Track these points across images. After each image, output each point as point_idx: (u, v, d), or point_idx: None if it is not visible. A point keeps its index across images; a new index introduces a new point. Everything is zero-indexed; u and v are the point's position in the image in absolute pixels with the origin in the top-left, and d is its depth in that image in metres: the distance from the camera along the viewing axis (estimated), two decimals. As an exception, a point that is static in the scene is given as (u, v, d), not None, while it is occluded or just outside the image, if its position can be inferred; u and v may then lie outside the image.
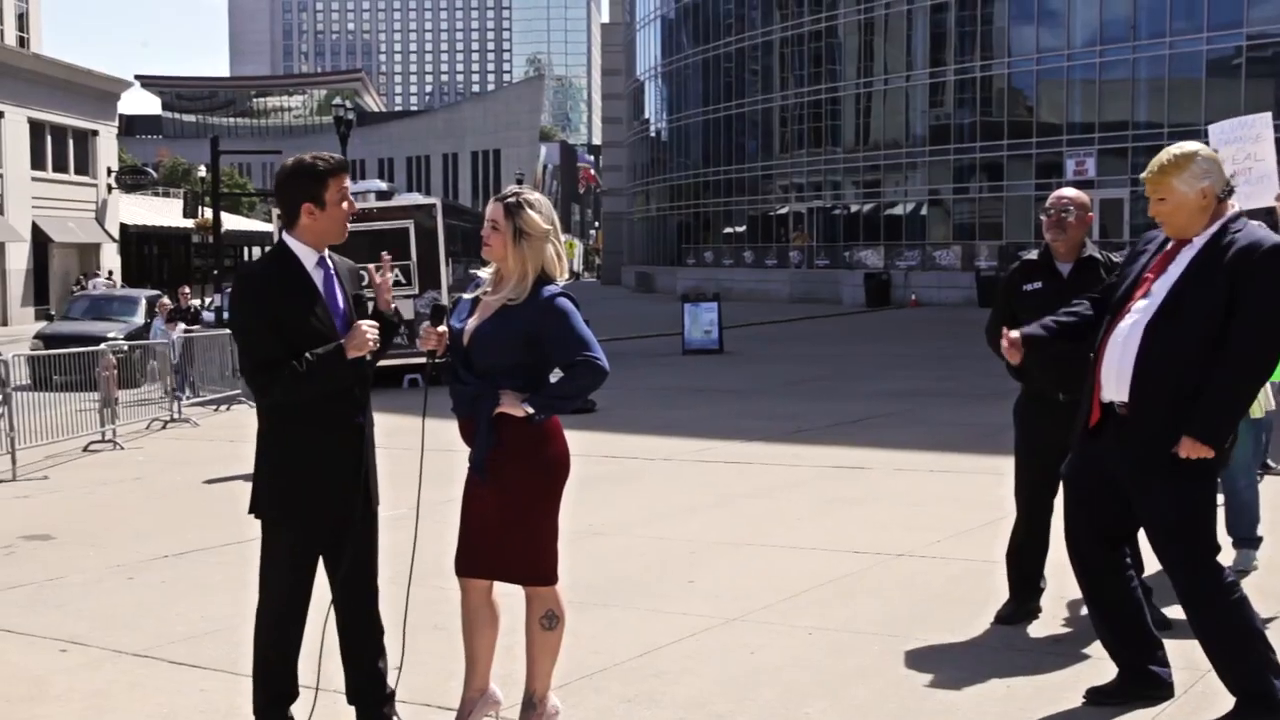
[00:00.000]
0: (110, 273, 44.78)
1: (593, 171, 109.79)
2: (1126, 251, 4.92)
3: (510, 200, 4.31)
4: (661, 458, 11.37)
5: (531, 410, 4.17)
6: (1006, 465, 5.94)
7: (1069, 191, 5.64)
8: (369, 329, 4.15)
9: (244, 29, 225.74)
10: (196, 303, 26.92)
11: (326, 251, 4.29)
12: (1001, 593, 5.87)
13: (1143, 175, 4.53)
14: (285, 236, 4.22)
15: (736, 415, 14.39)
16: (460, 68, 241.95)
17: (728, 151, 57.99)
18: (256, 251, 57.71)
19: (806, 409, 14.74)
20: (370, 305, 4.38)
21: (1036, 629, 5.70)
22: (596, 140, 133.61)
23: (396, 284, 18.64)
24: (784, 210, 54.47)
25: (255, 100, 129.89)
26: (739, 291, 47.45)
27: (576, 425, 13.24)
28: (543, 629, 4.36)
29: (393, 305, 4.41)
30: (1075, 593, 5.18)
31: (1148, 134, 38.12)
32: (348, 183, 4.24)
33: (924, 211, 48.35)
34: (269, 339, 4.04)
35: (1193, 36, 40.27)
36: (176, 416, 15.07)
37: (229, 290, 5.20)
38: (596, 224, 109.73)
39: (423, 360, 4.53)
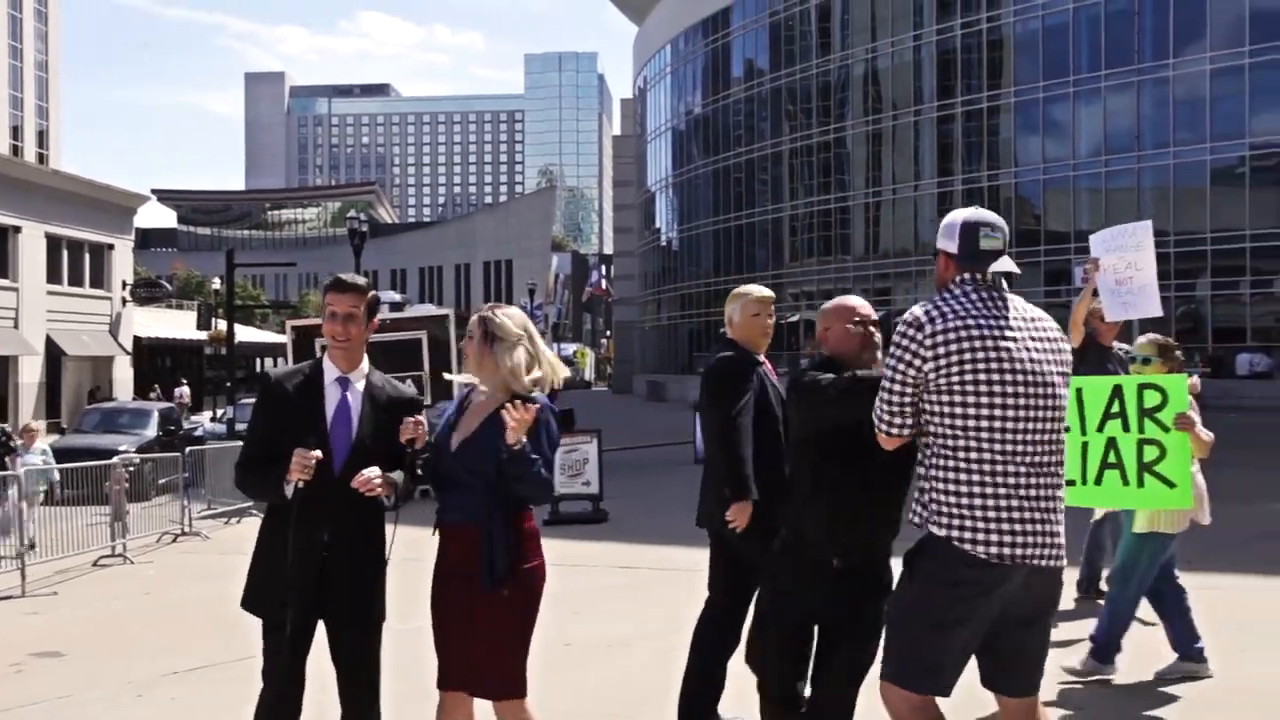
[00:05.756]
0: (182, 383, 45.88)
1: (604, 284, 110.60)
2: None
3: (484, 312, 4.47)
4: (673, 568, 11.26)
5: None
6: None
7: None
8: (301, 458, 4.14)
9: (260, 143, 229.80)
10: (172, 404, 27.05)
11: (364, 372, 4.43)
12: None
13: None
14: (325, 353, 4.50)
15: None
16: (473, 179, 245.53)
17: (738, 260, 58.51)
18: (269, 363, 58.00)
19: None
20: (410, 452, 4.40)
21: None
22: (608, 250, 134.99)
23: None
24: (795, 318, 54.75)
25: (270, 213, 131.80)
26: (750, 399, 47.34)
27: (588, 535, 13.21)
28: None
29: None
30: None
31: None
32: (336, 303, 4.42)
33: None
34: (253, 439, 4.37)
35: (1197, 146, 40.78)
36: (187, 530, 15.01)
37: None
38: (608, 333, 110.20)
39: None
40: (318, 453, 4.18)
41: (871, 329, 4.64)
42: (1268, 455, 20.29)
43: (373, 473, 4.19)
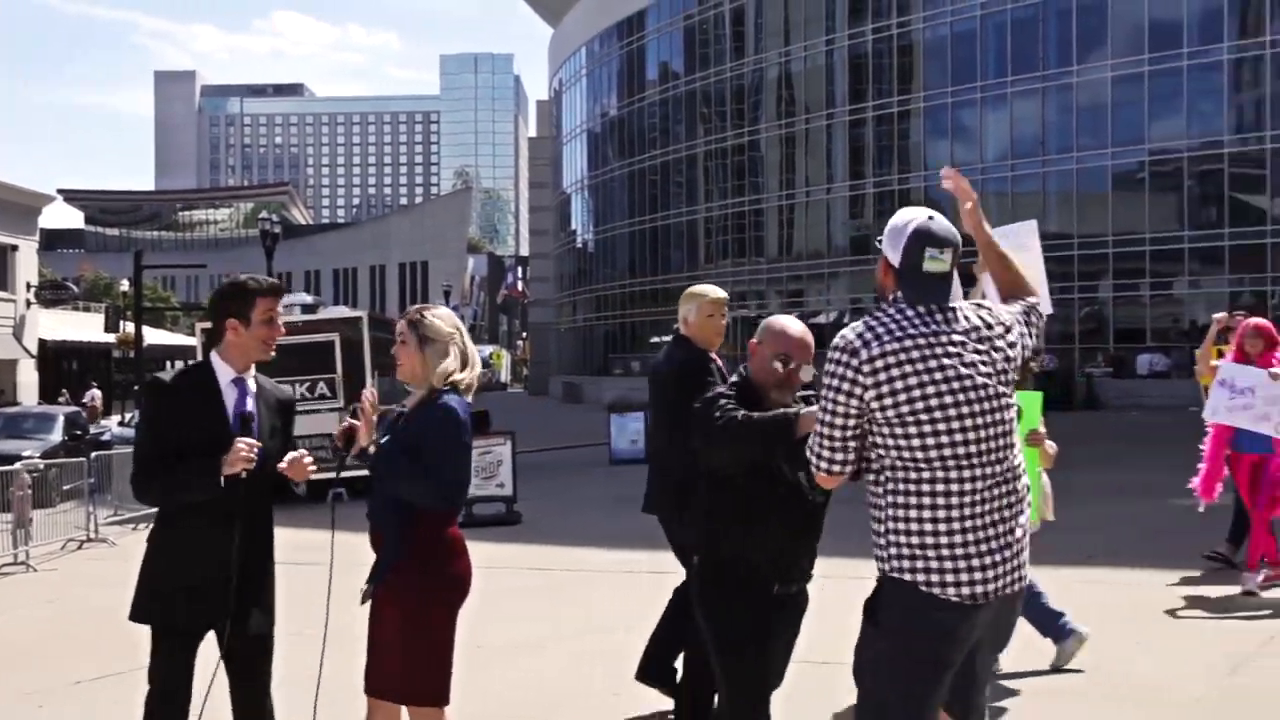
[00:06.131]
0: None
1: (520, 287, 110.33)
2: None
3: (412, 316, 4.45)
4: (588, 569, 11.34)
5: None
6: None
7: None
8: (245, 447, 4.16)
9: (171, 143, 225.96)
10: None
11: (253, 374, 4.38)
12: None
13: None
14: (212, 353, 4.38)
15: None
16: (388, 180, 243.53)
17: (654, 262, 58.72)
18: (180, 366, 57.01)
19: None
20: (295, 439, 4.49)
21: None
22: (524, 251, 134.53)
23: (321, 397, 18.69)
24: (710, 320, 55.06)
25: (180, 214, 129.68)
26: (666, 401, 47.60)
27: (501, 537, 13.23)
28: None
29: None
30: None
31: (1059, 244, 39.18)
32: (280, 307, 4.37)
33: (846, 320, 49.03)
34: (154, 443, 4.21)
35: (1099, 151, 41.77)
36: (93, 536, 14.76)
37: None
38: (524, 334, 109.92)
39: (349, 474, 4.58)
40: (257, 442, 4.20)
41: (793, 373, 4.25)
42: (1167, 451, 20.85)
43: (302, 454, 4.29)
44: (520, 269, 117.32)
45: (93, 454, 16.33)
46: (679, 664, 5.90)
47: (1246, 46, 39.13)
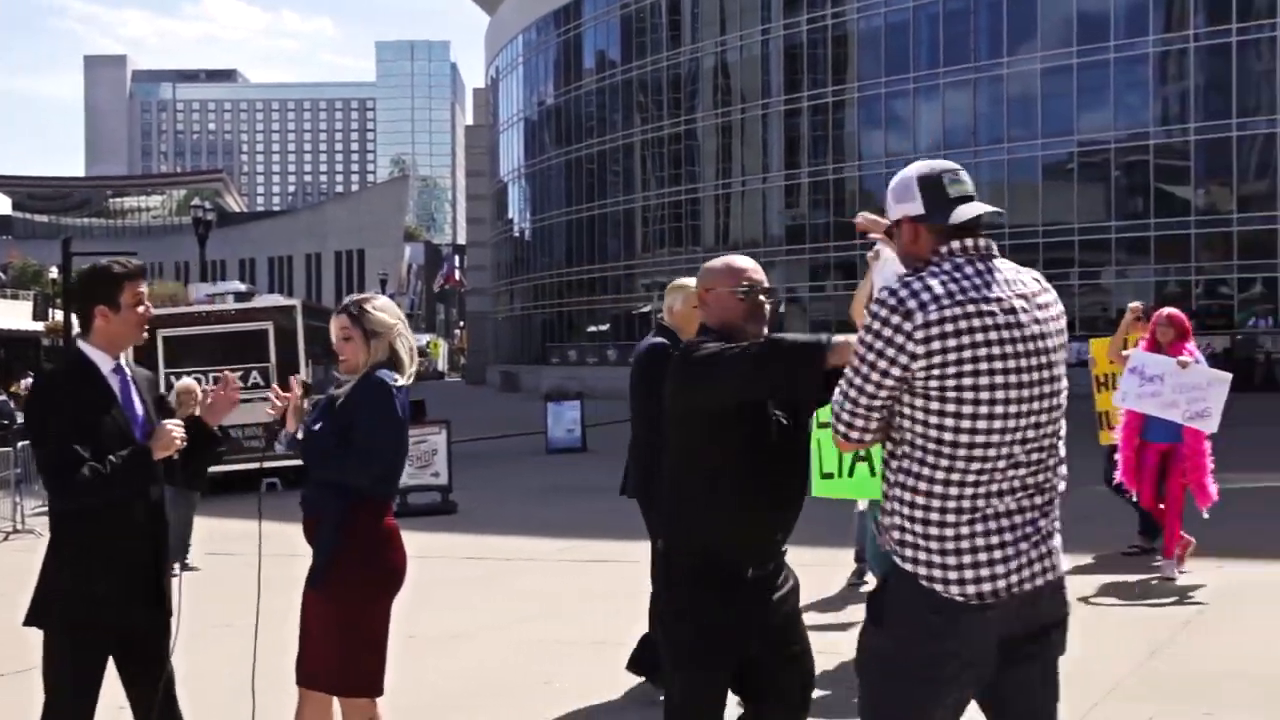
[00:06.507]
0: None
1: (457, 275, 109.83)
2: None
3: (353, 310, 4.38)
4: (524, 558, 11.39)
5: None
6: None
7: None
8: (174, 428, 4.07)
9: (101, 129, 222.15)
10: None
11: (124, 359, 4.23)
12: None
13: None
14: (80, 342, 4.19)
15: (598, 513, 14.43)
16: (324, 168, 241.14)
17: (590, 251, 58.74)
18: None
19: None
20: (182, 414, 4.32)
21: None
22: (461, 240, 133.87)
23: (254, 386, 18.56)
24: (646, 309, 55.17)
25: (112, 200, 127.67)
26: (603, 389, 47.54)
27: (437, 527, 13.25)
28: None
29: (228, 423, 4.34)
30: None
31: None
32: (144, 288, 4.17)
33: (782, 309, 49.44)
34: (70, 441, 3.95)
35: (1029, 142, 42.37)
36: (20, 527, 14.58)
37: (27, 396, 5.05)
38: (461, 323, 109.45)
39: (281, 464, 4.61)
40: (181, 423, 4.10)
41: (761, 298, 3.90)
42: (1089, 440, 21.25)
43: (173, 425, 4.11)
44: (457, 257, 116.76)
45: (19, 444, 16.11)
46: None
47: (1171, 40, 39.89)
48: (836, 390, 3.07)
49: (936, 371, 2.90)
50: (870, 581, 8.73)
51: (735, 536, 3.71)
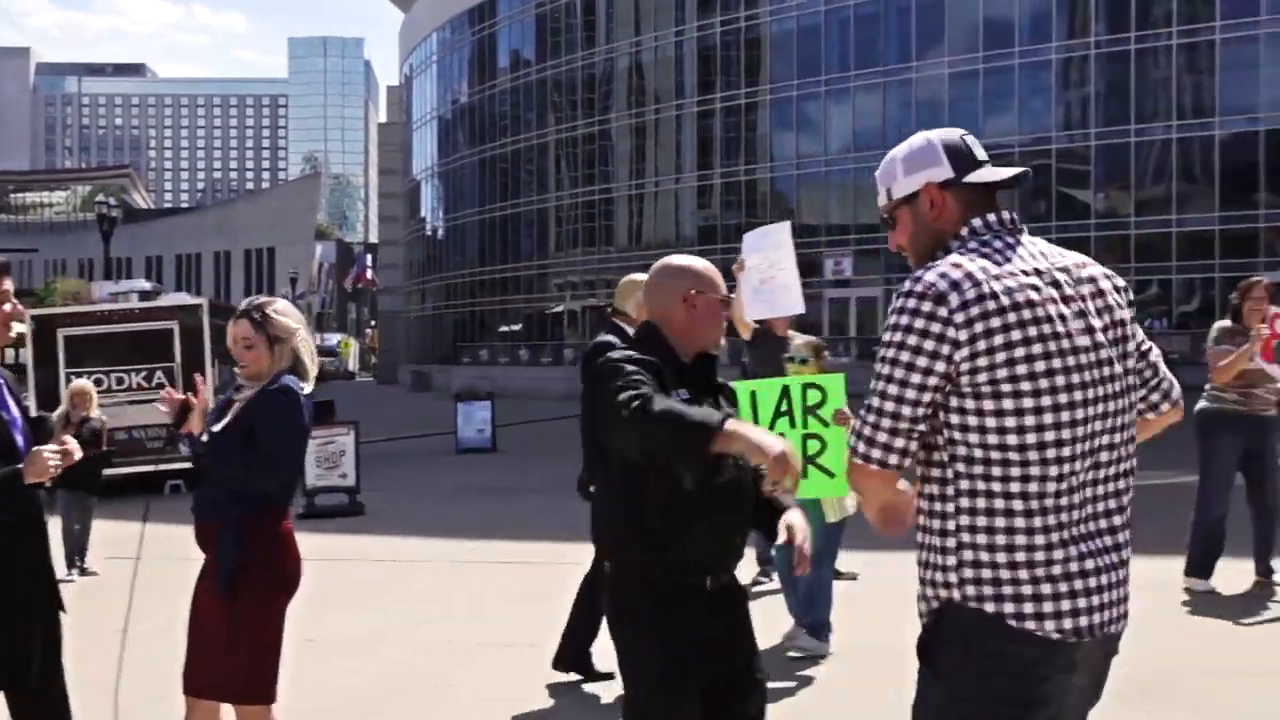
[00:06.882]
0: None
1: (369, 274, 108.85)
2: None
3: (255, 315, 4.32)
4: (432, 559, 11.35)
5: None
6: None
7: None
8: (50, 456, 3.89)
9: (3, 122, 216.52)
10: None
11: None
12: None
13: None
14: None
15: (507, 514, 14.47)
16: (234, 165, 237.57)
17: (503, 250, 58.60)
18: (9, 354, 54.87)
19: (577, 506, 14.89)
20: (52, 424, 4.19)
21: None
22: (374, 238, 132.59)
23: (158, 386, 18.28)
24: (559, 308, 55.23)
25: (13, 196, 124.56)
26: (515, 389, 47.58)
27: (345, 529, 13.17)
28: None
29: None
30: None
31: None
32: (8, 284, 4.04)
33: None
34: None
35: (936, 146, 43.08)
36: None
37: None
38: (373, 322, 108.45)
39: (185, 465, 4.55)
40: (60, 447, 3.96)
41: (719, 301, 3.59)
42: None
43: (50, 453, 3.95)
44: (369, 256, 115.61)
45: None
46: (594, 651, 6.37)
47: (1074, 46, 40.80)
48: (861, 412, 2.58)
49: (984, 361, 2.44)
50: (772, 581, 8.82)
51: (694, 543, 3.38)
